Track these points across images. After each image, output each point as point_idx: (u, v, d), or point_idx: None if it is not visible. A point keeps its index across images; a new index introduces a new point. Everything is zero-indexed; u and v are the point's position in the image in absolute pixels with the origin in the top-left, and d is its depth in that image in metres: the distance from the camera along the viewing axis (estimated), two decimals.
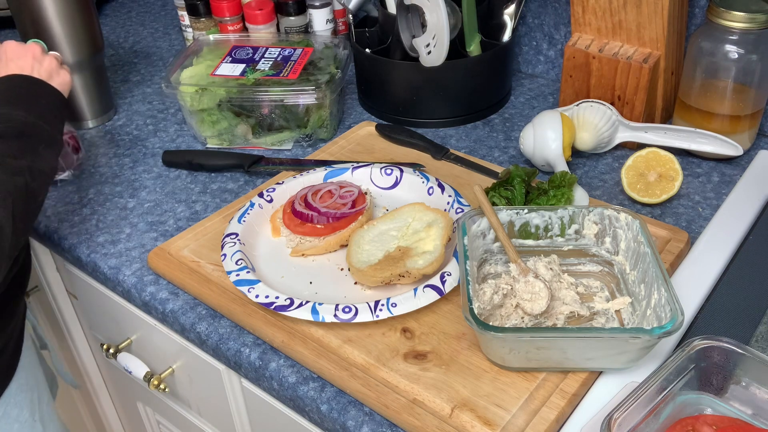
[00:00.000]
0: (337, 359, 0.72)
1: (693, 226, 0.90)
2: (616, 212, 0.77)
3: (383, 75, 1.13)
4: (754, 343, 0.73)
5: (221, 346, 0.79)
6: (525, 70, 1.29)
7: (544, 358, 0.68)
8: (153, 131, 1.18)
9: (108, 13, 1.66)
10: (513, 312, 0.74)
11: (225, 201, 1.00)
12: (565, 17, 1.18)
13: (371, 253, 0.81)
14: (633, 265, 0.75)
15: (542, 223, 0.79)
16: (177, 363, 0.96)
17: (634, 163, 0.94)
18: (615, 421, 0.59)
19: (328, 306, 0.74)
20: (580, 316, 0.75)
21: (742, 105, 0.98)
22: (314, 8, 1.29)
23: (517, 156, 1.06)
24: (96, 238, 0.95)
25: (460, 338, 0.74)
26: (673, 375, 0.63)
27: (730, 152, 0.98)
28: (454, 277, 0.77)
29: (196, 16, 1.33)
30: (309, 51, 1.15)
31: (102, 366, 1.22)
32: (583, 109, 1.01)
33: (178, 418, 1.09)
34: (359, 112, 1.20)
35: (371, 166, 0.97)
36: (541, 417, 0.65)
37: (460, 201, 0.88)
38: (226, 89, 1.07)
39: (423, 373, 0.70)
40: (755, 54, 0.94)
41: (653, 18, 0.98)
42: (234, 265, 0.80)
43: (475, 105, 1.14)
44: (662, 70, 1.02)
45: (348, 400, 0.71)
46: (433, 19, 1.03)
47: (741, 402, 0.65)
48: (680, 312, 0.64)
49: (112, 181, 1.06)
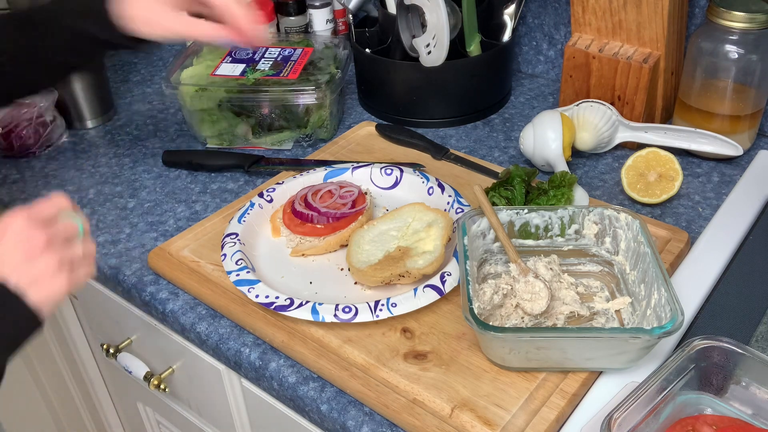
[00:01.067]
0: (337, 359, 0.72)
1: (693, 226, 0.90)
2: (616, 212, 0.77)
3: (383, 75, 1.13)
4: (754, 343, 0.73)
5: (221, 346, 0.79)
6: (525, 70, 1.29)
7: (544, 358, 0.68)
8: (153, 131, 1.18)
9: None
10: (513, 312, 0.74)
11: (225, 201, 1.00)
12: (565, 17, 1.18)
13: (371, 253, 0.81)
14: (633, 265, 0.75)
15: (542, 223, 0.79)
16: (177, 363, 0.96)
17: (634, 163, 0.94)
18: (615, 421, 0.59)
19: (328, 306, 0.74)
20: (580, 316, 0.75)
21: (742, 105, 0.98)
22: (314, 8, 1.29)
23: (517, 156, 1.06)
24: (96, 238, 0.95)
25: (460, 338, 0.74)
26: (673, 375, 0.63)
27: (730, 152, 0.98)
28: (454, 277, 0.77)
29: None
30: (309, 51, 1.15)
31: (102, 366, 1.22)
32: (583, 109, 1.01)
33: (178, 418, 1.09)
34: (359, 112, 1.20)
35: (371, 166, 0.97)
36: (541, 417, 0.65)
37: (460, 201, 0.88)
38: (226, 89, 1.07)
39: (423, 373, 0.70)
40: (755, 54, 0.94)
41: (653, 18, 0.98)
42: (234, 265, 0.80)
43: (475, 105, 1.14)
44: (662, 70, 1.02)
45: (348, 400, 0.71)
46: (433, 19, 1.03)
47: (741, 402, 0.65)
48: (680, 312, 0.64)
49: (112, 181, 1.06)
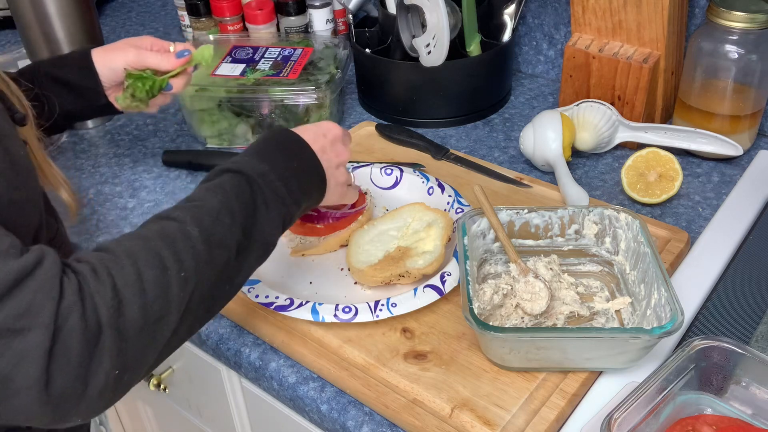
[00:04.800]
0: (337, 359, 0.72)
1: (693, 226, 0.90)
2: (616, 212, 0.77)
3: (383, 75, 1.13)
4: (754, 343, 0.73)
5: (221, 346, 0.79)
6: (525, 70, 1.29)
7: (544, 358, 0.68)
8: (153, 131, 1.18)
9: (108, 13, 1.66)
10: (513, 312, 0.74)
11: None
12: (565, 17, 1.18)
13: (371, 253, 0.81)
14: (633, 265, 0.75)
15: (542, 223, 0.79)
16: (177, 363, 0.96)
17: (634, 163, 0.94)
18: (615, 421, 0.59)
19: (328, 306, 0.74)
20: (580, 316, 0.75)
21: (742, 105, 0.98)
22: (314, 8, 1.29)
23: (517, 156, 1.06)
24: (96, 238, 0.95)
25: (460, 338, 0.74)
26: (673, 375, 0.63)
27: (730, 152, 0.98)
28: (454, 277, 0.77)
29: (196, 16, 1.33)
30: (309, 51, 1.15)
31: None
32: (583, 109, 1.01)
33: (178, 418, 1.09)
34: (359, 112, 1.20)
35: (371, 166, 0.97)
36: (541, 417, 0.65)
37: (460, 201, 0.88)
38: (226, 89, 1.07)
39: (423, 373, 0.70)
40: (755, 54, 0.94)
41: (653, 18, 0.98)
42: None
43: (475, 105, 1.14)
44: (662, 70, 1.02)
45: (348, 400, 0.71)
46: (433, 19, 1.03)
47: (741, 402, 0.65)
48: (680, 312, 0.64)
49: (112, 181, 1.06)
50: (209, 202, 0.61)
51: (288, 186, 0.67)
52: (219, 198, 0.62)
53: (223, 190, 0.63)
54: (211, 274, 0.58)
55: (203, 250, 0.58)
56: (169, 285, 0.54)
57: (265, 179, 0.65)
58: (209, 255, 0.58)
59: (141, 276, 0.53)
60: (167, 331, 0.55)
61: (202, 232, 0.58)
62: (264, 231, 0.65)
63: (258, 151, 0.68)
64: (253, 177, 0.65)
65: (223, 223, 0.60)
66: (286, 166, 0.68)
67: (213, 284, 0.59)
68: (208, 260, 0.58)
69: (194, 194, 0.63)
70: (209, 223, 0.59)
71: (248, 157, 0.67)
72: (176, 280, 0.55)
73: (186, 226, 0.58)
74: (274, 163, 0.67)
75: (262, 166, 0.66)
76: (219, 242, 0.59)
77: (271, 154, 0.68)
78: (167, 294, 0.54)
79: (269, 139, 0.72)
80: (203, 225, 0.59)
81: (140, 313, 0.52)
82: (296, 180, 0.68)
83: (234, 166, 0.65)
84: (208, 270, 0.58)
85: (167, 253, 0.55)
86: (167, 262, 0.55)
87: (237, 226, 0.61)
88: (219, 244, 0.59)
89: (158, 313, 0.53)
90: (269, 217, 0.65)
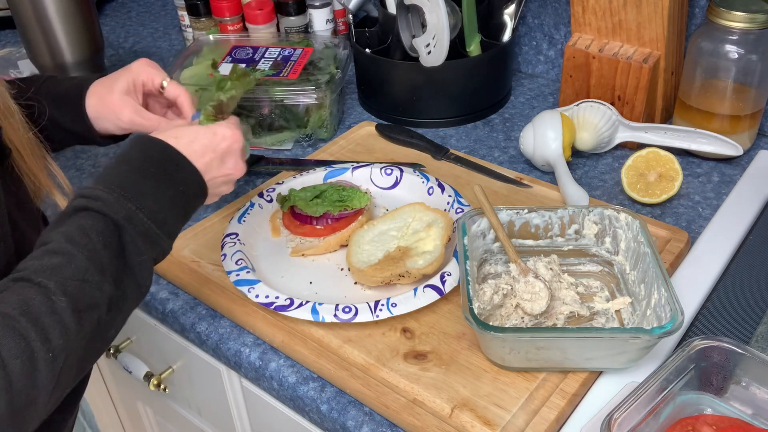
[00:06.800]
0: (337, 359, 0.72)
1: (693, 226, 0.90)
2: (616, 212, 0.77)
3: (383, 75, 1.13)
4: (754, 343, 0.73)
5: (221, 346, 0.79)
6: (525, 70, 1.29)
7: (544, 358, 0.68)
8: None
9: (108, 13, 1.66)
10: (513, 312, 0.74)
11: (225, 201, 1.00)
12: (565, 17, 1.18)
13: (371, 253, 0.81)
14: (633, 265, 0.75)
15: (542, 223, 0.79)
16: (177, 363, 0.96)
17: (634, 163, 0.94)
18: (615, 421, 0.59)
19: (328, 306, 0.74)
20: (580, 316, 0.75)
21: (742, 105, 0.98)
22: (314, 8, 1.29)
23: (517, 156, 1.06)
24: None
25: (460, 338, 0.74)
26: (673, 375, 0.63)
27: (730, 152, 0.98)
28: (454, 277, 0.77)
29: (196, 16, 1.33)
30: (309, 51, 1.15)
31: (102, 366, 1.22)
32: (583, 109, 1.01)
33: (178, 418, 1.09)
34: (359, 112, 1.20)
35: (371, 166, 0.97)
36: (541, 417, 0.65)
37: (460, 201, 0.88)
38: None
39: (423, 373, 0.70)
40: (755, 54, 0.94)
41: (653, 18, 0.98)
42: (234, 265, 0.80)
43: (475, 105, 1.14)
44: (662, 70, 1.02)
45: (348, 400, 0.71)
46: (433, 19, 1.03)
47: (741, 402, 0.65)
48: (680, 312, 0.64)
49: None
50: (75, 260, 0.55)
51: (160, 224, 0.61)
52: (84, 253, 0.55)
53: (88, 239, 0.56)
54: (81, 343, 0.54)
55: (71, 321, 0.53)
56: (36, 371, 0.50)
57: (133, 222, 0.59)
58: (78, 324, 0.53)
59: (6, 369, 0.48)
60: (40, 410, 0.52)
61: (70, 300, 0.53)
62: (136, 277, 0.59)
63: (122, 182, 0.60)
64: (119, 222, 0.58)
65: (91, 283, 0.55)
66: (158, 198, 0.61)
67: (84, 350, 0.55)
68: (78, 330, 0.53)
69: (55, 241, 0.56)
70: (75, 288, 0.54)
71: (112, 192, 0.59)
72: (44, 362, 0.50)
73: (51, 295, 0.52)
74: (143, 197, 0.60)
75: (128, 205, 0.59)
76: (88, 306, 0.54)
77: (138, 185, 0.61)
78: (35, 381, 0.50)
79: (140, 157, 0.63)
80: (69, 291, 0.53)
81: (7, 409, 0.48)
82: (171, 210, 0.62)
83: (96, 206, 0.58)
84: (78, 340, 0.53)
85: (33, 335, 0.50)
86: (33, 345, 0.50)
87: (107, 281, 0.56)
88: (88, 308, 0.54)
89: (25, 401, 0.50)
90: (141, 261, 0.59)
